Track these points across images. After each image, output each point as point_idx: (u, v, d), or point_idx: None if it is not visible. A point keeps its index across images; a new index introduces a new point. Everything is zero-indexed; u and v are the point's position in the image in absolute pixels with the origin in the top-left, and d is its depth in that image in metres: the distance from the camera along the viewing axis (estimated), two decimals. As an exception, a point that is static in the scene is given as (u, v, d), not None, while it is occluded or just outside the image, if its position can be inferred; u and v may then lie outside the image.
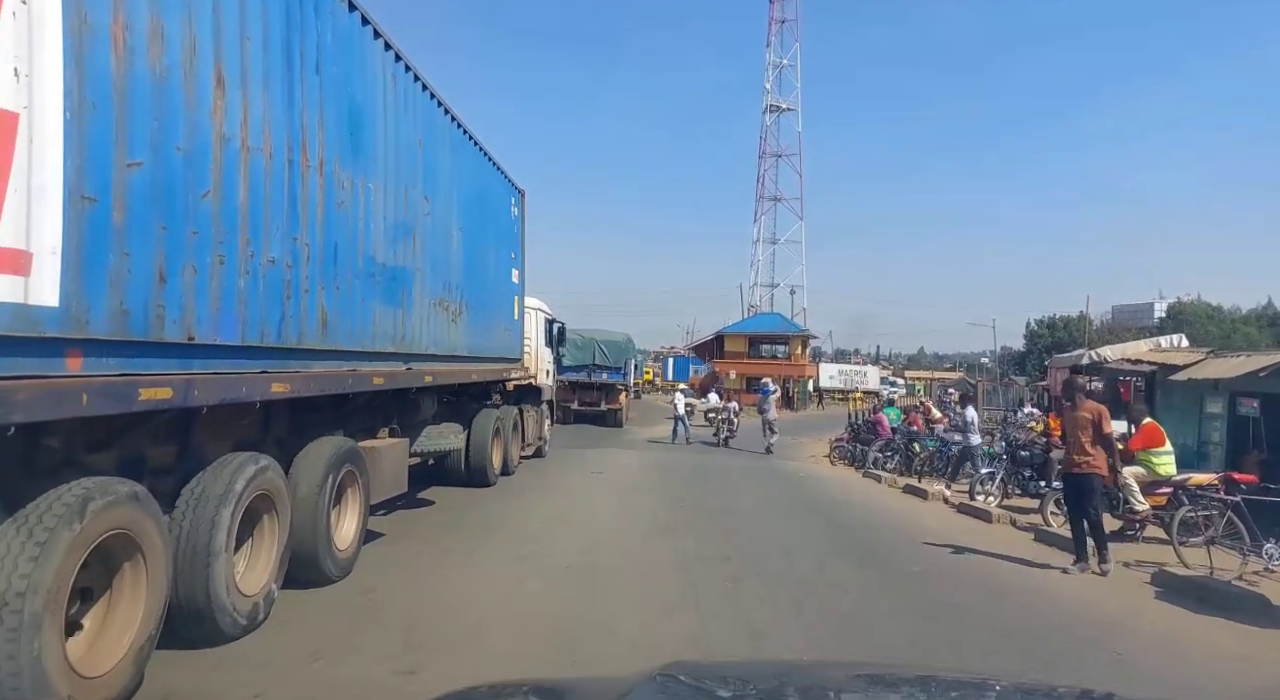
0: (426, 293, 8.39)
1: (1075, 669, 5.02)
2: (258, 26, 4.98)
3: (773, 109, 67.13)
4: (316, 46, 5.79)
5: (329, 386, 6.10)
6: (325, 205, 5.95)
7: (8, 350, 3.18)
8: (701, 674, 2.08)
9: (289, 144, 5.39)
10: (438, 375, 8.72)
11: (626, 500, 11.30)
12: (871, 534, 9.60)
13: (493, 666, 4.51)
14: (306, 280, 5.66)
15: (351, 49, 6.48)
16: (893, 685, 2.07)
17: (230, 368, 4.73)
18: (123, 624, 3.86)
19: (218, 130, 4.56)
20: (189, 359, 4.35)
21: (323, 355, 5.99)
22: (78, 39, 3.49)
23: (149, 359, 4.02)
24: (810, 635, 5.52)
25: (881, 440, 17.19)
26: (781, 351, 52.12)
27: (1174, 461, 9.39)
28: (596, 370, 26.35)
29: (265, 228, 5.08)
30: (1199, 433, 14.67)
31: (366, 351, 6.79)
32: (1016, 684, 2.03)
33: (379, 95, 7.08)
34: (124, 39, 3.78)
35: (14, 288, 3.19)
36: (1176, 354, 17.18)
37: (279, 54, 5.27)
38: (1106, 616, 6.37)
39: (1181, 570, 7.54)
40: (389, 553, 7.24)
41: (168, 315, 4.12)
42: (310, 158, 5.69)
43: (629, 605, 6.03)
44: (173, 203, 4.16)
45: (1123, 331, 57.82)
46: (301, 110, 5.56)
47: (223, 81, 4.59)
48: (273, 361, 5.23)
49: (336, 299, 6.14)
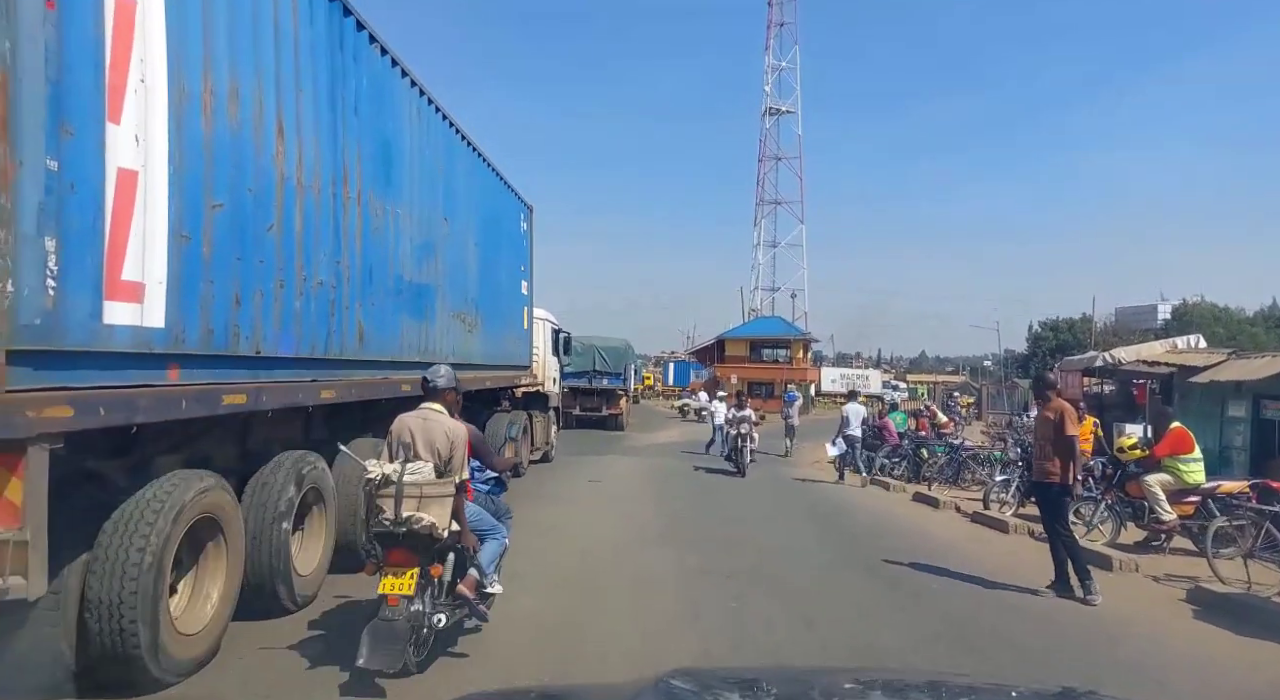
0: (447, 306, 9.12)
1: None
2: (309, 79, 5.73)
3: (772, 112, 67.37)
4: (355, 91, 6.53)
5: (365, 393, 6.82)
6: (363, 232, 6.68)
7: (128, 364, 3.91)
8: (704, 680, 2.09)
9: (333, 179, 6.13)
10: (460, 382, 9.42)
11: (626, 508, 11.23)
12: (882, 546, 8.91)
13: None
14: (347, 298, 6.39)
15: (384, 90, 7.22)
16: (899, 691, 2.06)
17: (288, 377, 5.47)
18: (207, 595, 4.59)
19: (279, 172, 5.30)
20: (257, 369, 5.08)
21: (360, 365, 6.72)
22: (178, 106, 4.22)
23: (227, 370, 4.76)
24: (824, 659, 5.21)
25: (888, 446, 16.54)
26: (783, 356, 52.35)
27: (1203, 469, 8.83)
28: (597, 376, 27.03)
29: (315, 254, 5.82)
30: (1220, 437, 14.01)
31: (396, 361, 7.50)
32: (1016, 688, 2.02)
33: (406, 129, 7.82)
34: (210, 102, 4.51)
35: (133, 313, 3.91)
36: (1196, 355, 16.44)
37: (326, 101, 6.01)
38: (1142, 639, 5.92)
39: (1218, 586, 7.00)
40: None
41: (242, 333, 4.85)
42: (350, 190, 6.43)
43: (626, 621, 5.83)
44: (245, 237, 4.90)
45: (1127, 334, 57.13)
46: (343, 149, 6.30)
47: (283, 130, 5.33)
48: (321, 371, 5.96)
49: (371, 314, 6.87)
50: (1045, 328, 76.13)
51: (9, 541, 3.21)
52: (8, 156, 3.13)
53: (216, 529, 4.63)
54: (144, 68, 3.96)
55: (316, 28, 5.87)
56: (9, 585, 3.24)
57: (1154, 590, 7.29)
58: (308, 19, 5.71)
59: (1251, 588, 6.88)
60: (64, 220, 3.44)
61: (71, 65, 3.49)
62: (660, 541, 8.84)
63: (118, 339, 3.81)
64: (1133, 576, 7.67)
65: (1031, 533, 9.60)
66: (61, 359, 3.46)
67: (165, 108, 4.12)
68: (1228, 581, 7.14)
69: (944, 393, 61.94)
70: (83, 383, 3.58)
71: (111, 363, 3.79)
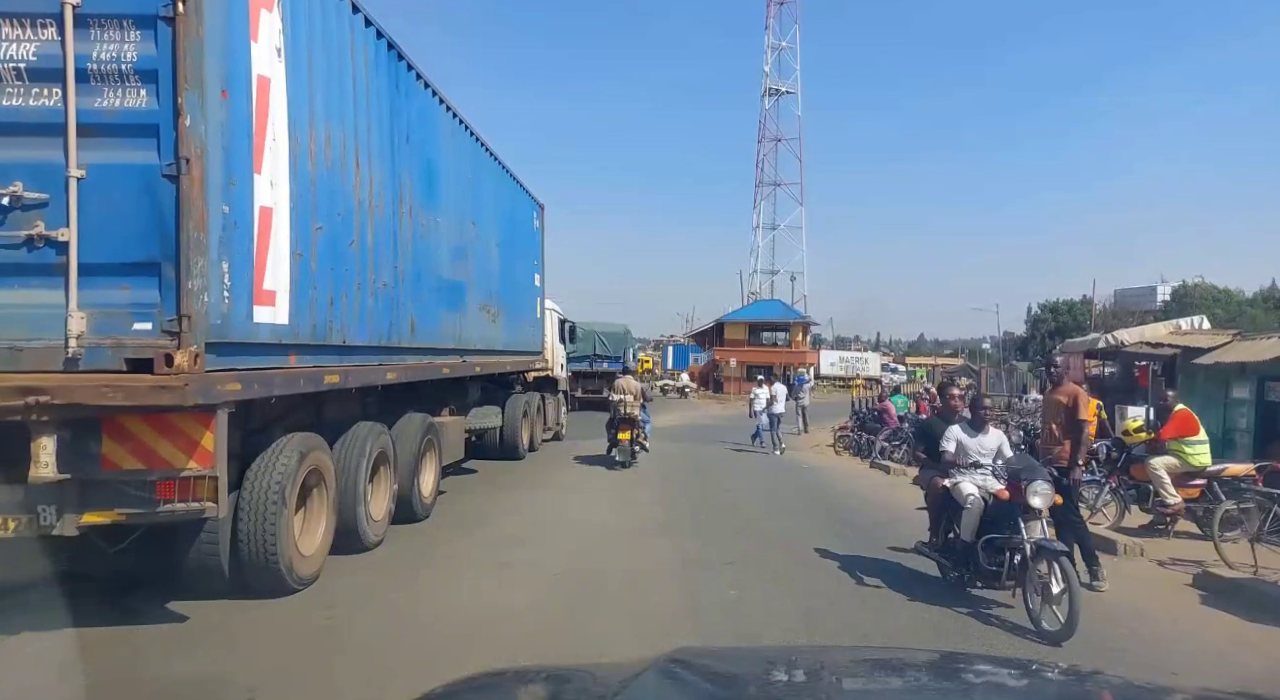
0: (475, 299, 10.45)
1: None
2: (376, 118, 7.01)
3: (771, 92, 65.40)
4: (407, 122, 7.81)
5: (416, 374, 8.16)
6: (413, 240, 7.99)
7: (267, 352, 5.24)
8: (707, 659, 2.12)
9: (393, 199, 7.43)
10: (483, 366, 10.81)
11: (627, 494, 11.04)
12: (884, 533, 8.64)
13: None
14: (402, 296, 7.70)
15: (427, 118, 8.50)
16: (901, 668, 2.06)
17: (364, 361, 6.80)
18: (315, 529, 5.96)
19: (357, 197, 6.60)
20: (343, 356, 6.41)
21: (411, 351, 8.05)
22: (294, 154, 5.52)
23: (325, 356, 6.09)
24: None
25: (889, 429, 16.35)
26: (782, 339, 51.89)
27: (1209, 451, 8.69)
28: (598, 360, 28.42)
29: (380, 261, 7.13)
30: (1224, 419, 13.75)
31: (437, 348, 8.83)
32: (1017, 662, 2.05)
33: (443, 148, 9.11)
34: (314, 148, 5.82)
35: (270, 314, 5.24)
36: (1200, 336, 16.24)
37: (387, 135, 7.30)
38: (1151, 627, 5.75)
39: (1225, 571, 6.90)
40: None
41: (334, 326, 6.17)
42: (404, 207, 7.73)
43: (621, 611, 5.71)
44: (336, 251, 6.21)
45: (1126, 315, 56.89)
46: (399, 172, 7.59)
47: (359, 163, 6.63)
48: (385, 356, 7.30)
49: (419, 309, 8.19)
50: (1044, 310, 75.54)
51: (205, 477, 4.56)
52: (205, 205, 4.44)
53: (320, 479, 6.00)
54: (274, 129, 5.26)
55: (380, 74, 7.15)
56: (204, 508, 4.59)
57: (1160, 575, 7.18)
58: (375, 69, 6.99)
59: (1258, 571, 6.79)
60: (231, 248, 4.76)
61: (235, 134, 4.80)
62: (664, 530, 8.61)
63: (261, 333, 5.14)
64: (1138, 561, 7.58)
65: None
66: (232, 349, 4.79)
67: (286, 157, 5.42)
68: (1235, 566, 7.05)
69: (942, 375, 62.98)
70: (243, 366, 4.92)
71: (258, 351, 5.12)
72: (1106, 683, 1.94)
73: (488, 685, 1.86)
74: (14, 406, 4.16)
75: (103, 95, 4.36)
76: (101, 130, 4.35)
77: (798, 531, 8.76)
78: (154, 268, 4.38)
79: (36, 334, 4.33)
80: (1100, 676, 1.95)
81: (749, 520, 9.46)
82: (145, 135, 4.36)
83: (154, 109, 4.36)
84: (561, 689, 1.82)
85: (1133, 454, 9.02)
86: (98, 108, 4.35)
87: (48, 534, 4.47)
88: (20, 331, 4.33)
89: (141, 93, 4.38)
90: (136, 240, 4.38)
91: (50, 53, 4.32)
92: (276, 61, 5.29)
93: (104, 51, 4.34)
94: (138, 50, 4.35)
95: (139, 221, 4.37)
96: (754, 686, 1.81)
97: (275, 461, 5.41)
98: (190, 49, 4.36)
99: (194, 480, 4.56)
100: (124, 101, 4.37)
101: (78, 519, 4.48)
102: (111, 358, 4.37)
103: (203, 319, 4.46)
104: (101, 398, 4.23)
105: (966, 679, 1.91)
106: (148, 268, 4.38)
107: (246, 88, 4.93)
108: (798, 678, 1.89)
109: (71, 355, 4.33)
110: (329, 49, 6.08)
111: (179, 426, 4.53)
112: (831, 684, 1.88)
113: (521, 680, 1.91)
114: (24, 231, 4.32)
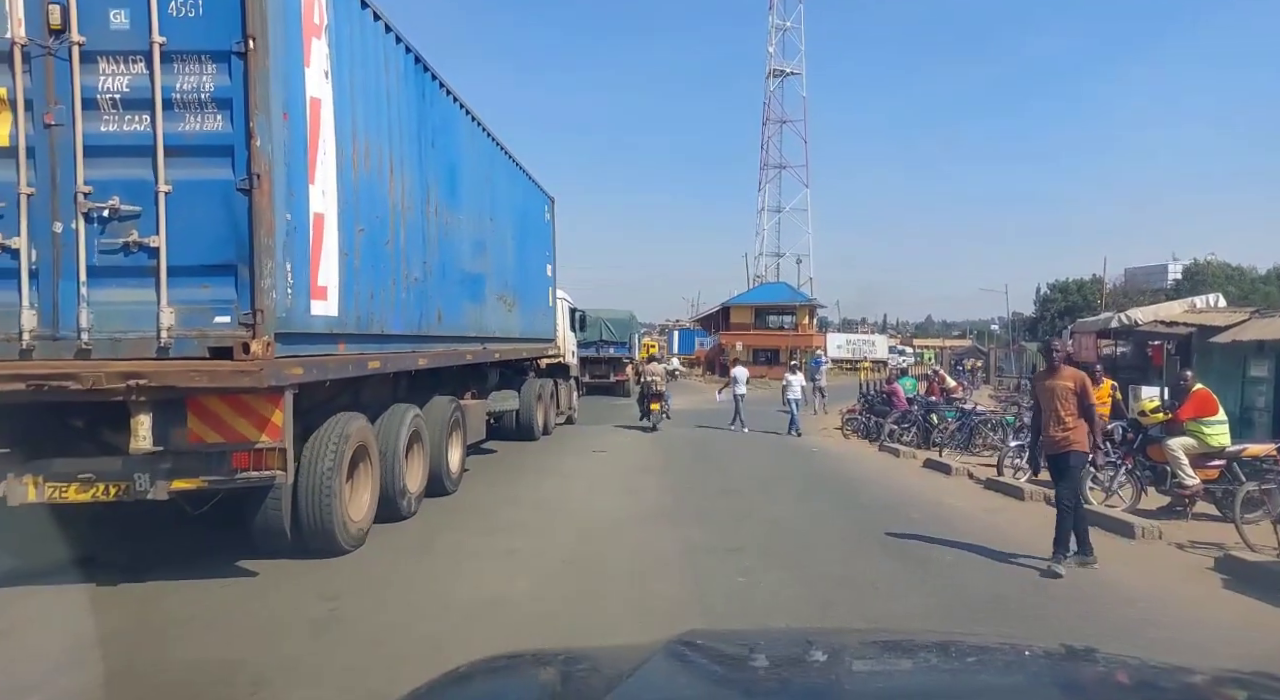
0: (493, 290, 11.16)
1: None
2: (407, 127, 7.70)
3: (776, 73, 64.25)
4: (432, 129, 8.50)
5: (442, 360, 8.88)
6: (439, 237, 8.69)
7: (322, 341, 5.97)
8: (716, 641, 2.13)
9: (422, 200, 8.13)
10: (502, 352, 11.55)
11: (632, 481, 10.86)
12: (895, 517, 8.50)
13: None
14: (430, 289, 8.41)
15: (449, 123, 9.18)
16: (908, 651, 2.06)
17: (399, 349, 7.53)
18: (363, 497, 6.70)
19: (391, 200, 7.30)
20: (382, 344, 7.13)
21: (438, 340, 8.77)
22: (339, 164, 6.21)
23: (367, 344, 6.81)
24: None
25: (897, 411, 16.14)
26: (788, 322, 50.97)
27: (1228, 431, 8.55)
28: (604, 346, 29.07)
29: (411, 258, 7.83)
30: (1241, 398, 13.48)
31: (460, 336, 9.55)
32: (1028, 645, 2.06)
33: (464, 150, 9.79)
34: (355, 158, 6.51)
35: (324, 307, 5.95)
36: (1216, 315, 15.96)
37: (415, 141, 7.99)
38: (1173, 613, 5.52)
39: (1247, 554, 6.69)
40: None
41: (375, 318, 6.89)
42: (431, 207, 8.43)
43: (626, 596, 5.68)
44: (375, 250, 6.92)
45: (1136, 294, 55.86)
46: (426, 175, 8.28)
47: (393, 169, 7.32)
48: (417, 344, 8.02)
49: (445, 300, 8.90)
50: (1054, 290, 74.23)
51: (275, 448, 5.29)
52: (273, 214, 5.15)
53: (365, 454, 6.74)
54: (324, 143, 5.96)
55: (409, 86, 7.83)
56: (274, 475, 5.33)
57: (1180, 559, 6.99)
58: (404, 81, 7.67)
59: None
60: (293, 250, 5.47)
61: (294, 150, 5.50)
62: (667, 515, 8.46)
63: (317, 325, 5.86)
64: (1157, 544, 7.41)
65: (1047, 499, 8.89)
66: (294, 338, 5.51)
67: (334, 168, 6.12)
68: (1257, 548, 6.91)
69: (951, 356, 60.45)
70: (303, 353, 5.64)
71: (315, 340, 5.85)
72: (1121, 663, 1.89)
73: (505, 666, 1.90)
74: (117, 388, 4.89)
75: (185, 120, 5.07)
76: (185, 151, 5.07)
77: (806, 517, 8.55)
78: (231, 269, 5.10)
79: (133, 327, 5.06)
80: (1111, 656, 1.89)
81: (754, 506, 9.17)
82: (222, 155, 5.07)
83: (229, 132, 5.07)
84: (574, 670, 1.84)
85: (1149, 435, 8.90)
86: (181, 131, 5.06)
87: (142, 499, 5.22)
88: (119, 325, 5.06)
89: (218, 118, 5.08)
90: (215, 245, 5.10)
91: (140, 85, 5.02)
92: (325, 83, 5.97)
93: (186, 83, 5.05)
94: (214, 81, 5.05)
95: (217, 229, 5.09)
96: (763, 669, 1.84)
97: (329, 437, 6.15)
98: (259, 79, 5.05)
99: (265, 451, 5.30)
100: (203, 125, 5.08)
101: (168, 485, 5.23)
102: (196, 347, 5.10)
103: (272, 313, 5.17)
104: (190, 380, 4.96)
105: (977, 660, 1.92)
106: (226, 269, 5.10)
107: (302, 109, 5.63)
108: (807, 659, 1.89)
109: (163, 345, 5.05)
110: (367, 67, 6.75)
111: (252, 405, 5.26)
112: (841, 666, 1.88)
113: (538, 662, 1.96)
114: (121, 239, 5.04)
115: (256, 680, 4.17)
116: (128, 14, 4.98)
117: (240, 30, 4.98)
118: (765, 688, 1.71)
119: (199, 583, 5.65)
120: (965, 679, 1.80)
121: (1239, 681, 1.69)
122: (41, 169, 5.02)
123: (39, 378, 4.89)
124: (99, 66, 5.02)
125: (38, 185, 5.02)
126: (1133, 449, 9.07)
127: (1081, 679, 1.80)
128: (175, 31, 5.00)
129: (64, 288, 5.04)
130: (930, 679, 1.83)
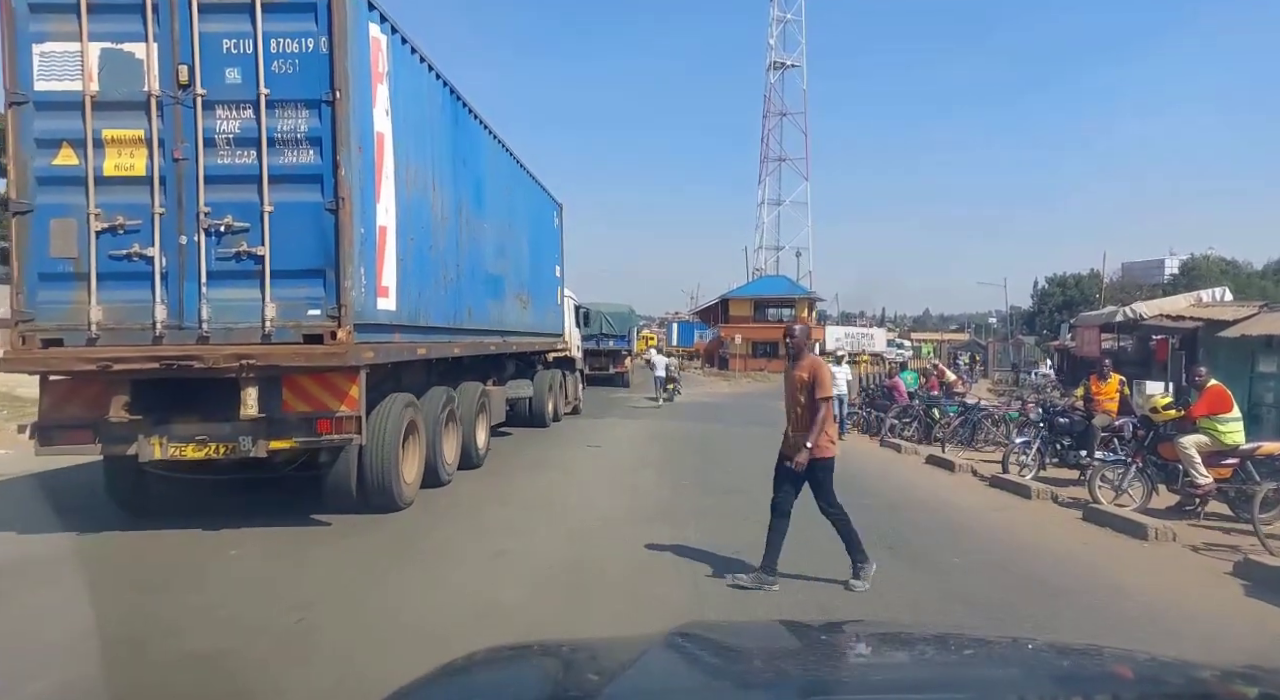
0: (511, 289, 12.47)
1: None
2: (443, 149, 8.99)
3: (776, 66, 64.48)
4: (464, 150, 9.79)
5: (471, 350, 10.20)
6: (469, 242, 9.99)
7: (385, 331, 7.27)
8: (715, 633, 2.19)
9: (455, 211, 9.43)
10: (518, 345, 12.88)
11: (635, 477, 10.43)
12: (899, 516, 8.19)
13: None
14: (462, 287, 9.71)
15: (476, 142, 10.48)
16: (907, 644, 2.07)
17: (439, 339, 8.83)
18: (413, 464, 8.00)
19: (433, 212, 8.59)
20: (427, 334, 8.43)
21: (468, 332, 10.07)
22: (394, 184, 7.50)
23: (415, 335, 8.11)
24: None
25: (898, 406, 16.08)
26: (788, 315, 49.42)
27: (1242, 429, 8.31)
28: (604, 339, 30.28)
29: (447, 261, 9.13)
30: (1249, 394, 13.12)
31: (485, 329, 10.85)
32: (1029, 639, 2.07)
33: (487, 165, 11.08)
34: (407, 179, 7.79)
35: (386, 303, 7.25)
36: (1223, 309, 15.73)
37: (450, 160, 9.28)
38: (1197, 624, 5.24)
39: (1268, 559, 6.40)
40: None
41: (421, 312, 8.18)
42: (463, 217, 9.73)
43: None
44: (421, 256, 8.21)
45: (1134, 288, 56.53)
46: (459, 190, 9.57)
47: (434, 186, 8.61)
48: (452, 336, 9.33)
49: (473, 297, 10.19)
50: (1052, 283, 74.90)
51: (352, 417, 6.59)
52: (352, 229, 6.44)
53: (415, 428, 8.04)
54: (386, 169, 7.25)
55: (445, 114, 9.12)
56: (351, 438, 6.64)
57: (1196, 563, 6.73)
58: (442, 111, 8.96)
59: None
60: (365, 257, 6.76)
61: (366, 176, 6.79)
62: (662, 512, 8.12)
63: (381, 317, 7.16)
64: (1170, 546, 7.17)
65: (1055, 497, 9.16)
66: (366, 328, 6.80)
67: (393, 189, 7.41)
68: (1276, 552, 6.70)
69: (949, 350, 61.05)
70: (371, 341, 6.93)
71: (380, 330, 7.15)
72: (1129, 658, 1.88)
73: (505, 658, 1.92)
74: (232, 367, 6.20)
75: (284, 155, 6.36)
76: (284, 179, 6.36)
77: (807, 517, 7.22)
78: (320, 273, 6.40)
79: (243, 319, 6.36)
80: (1115, 650, 1.89)
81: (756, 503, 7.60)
82: (314, 182, 6.36)
83: (319, 163, 6.36)
84: (576, 660, 1.86)
85: (1160, 433, 8.64)
86: (281, 164, 6.35)
87: (245, 456, 6.52)
88: (232, 317, 6.36)
89: (310, 152, 6.38)
90: (308, 254, 6.39)
91: (249, 127, 6.32)
92: (386, 119, 7.26)
93: (285, 125, 6.34)
94: (308, 124, 6.35)
95: (310, 241, 6.39)
96: (762, 660, 1.84)
97: (389, 411, 7.45)
98: (343, 121, 6.35)
99: (344, 418, 6.60)
100: (299, 159, 6.37)
101: (267, 445, 6.52)
102: (293, 335, 6.39)
103: (351, 307, 6.46)
104: (291, 360, 6.27)
105: (975, 654, 1.92)
106: (317, 273, 6.40)
107: (371, 142, 6.92)
108: (805, 651, 1.91)
109: (266, 333, 6.35)
110: (415, 102, 8.04)
111: (334, 381, 6.57)
112: (839, 658, 1.89)
113: (541, 653, 2.00)
114: (234, 249, 6.34)
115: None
116: (240, 72, 6.28)
117: (329, 84, 6.28)
118: (764, 679, 1.72)
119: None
120: (963, 671, 1.79)
121: (1247, 677, 1.67)
122: (170, 193, 6.32)
123: (170, 358, 6.21)
124: (216, 112, 6.32)
125: (167, 206, 6.32)
126: (1143, 447, 8.79)
127: (1081, 672, 1.77)
128: (277, 85, 6.29)
129: (188, 288, 6.35)
130: (928, 671, 1.83)
